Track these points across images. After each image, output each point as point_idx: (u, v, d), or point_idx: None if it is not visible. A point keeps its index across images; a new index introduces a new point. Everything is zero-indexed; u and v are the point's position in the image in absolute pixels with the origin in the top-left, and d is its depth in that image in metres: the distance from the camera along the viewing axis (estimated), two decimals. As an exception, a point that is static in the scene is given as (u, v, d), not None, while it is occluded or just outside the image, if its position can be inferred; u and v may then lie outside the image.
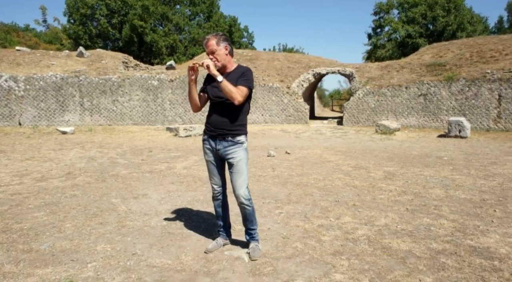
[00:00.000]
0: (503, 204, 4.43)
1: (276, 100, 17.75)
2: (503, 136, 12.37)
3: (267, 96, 17.80)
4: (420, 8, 25.86)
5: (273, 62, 19.95)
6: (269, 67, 19.31)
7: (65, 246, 3.15)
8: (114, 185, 5.39)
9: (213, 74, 2.75)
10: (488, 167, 6.76)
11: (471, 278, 2.57)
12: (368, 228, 3.58)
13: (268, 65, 19.50)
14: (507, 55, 15.85)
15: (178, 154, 8.33)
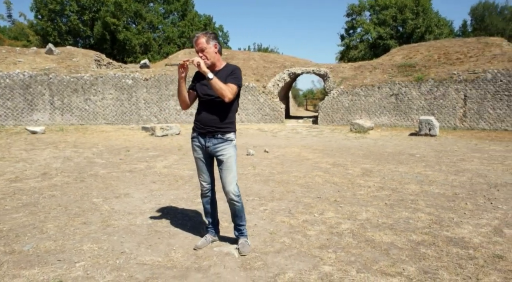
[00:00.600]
0: (473, 197, 4.70)
1: (252, 100, 17.83)
2: (468, 135, 13.02)
3: (243, 96, 17.84)
4: (390, 11, 26.75)
5: (249, 62, 20.02)
6: (245, 66, 19.36)
7: (49, 247, 3.07)
8: (94, 185, 5.27)
9: (204, 71, 2.77)
10: (457, 163, 7.12)
11: (449, 266, 2.74)
12: (351, 222, 3.71)
13: (244, 64, 19.53)
14: (471, 58, 16.68)
15: (157, 153, 8.23)
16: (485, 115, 14.65)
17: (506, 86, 14.32)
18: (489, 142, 11.17)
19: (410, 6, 26.18)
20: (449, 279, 2.54)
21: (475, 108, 14.85)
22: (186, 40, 26.65)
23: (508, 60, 15.22)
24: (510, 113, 14.21)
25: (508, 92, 14.28)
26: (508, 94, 14.30)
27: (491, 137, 12.22)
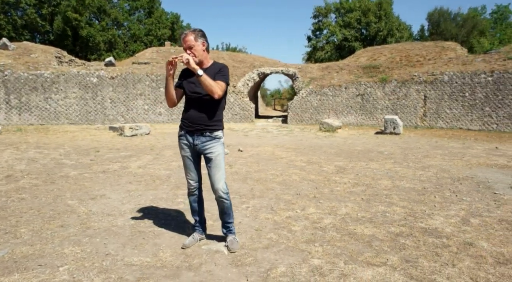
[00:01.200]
0: (440, 191, 5.00)
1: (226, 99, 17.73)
2: (429, 133, 13.75)
3: (213, 95, 17.72)
4: (355, 14, 27.66)
5: (218, 61, 19.90)
6: (215, 66, 19.25)
7: (26, 252, 2.93)
8: (66, 186, 5.06)
9: (193, 68, 2.76)
10: (422, 160, 7.52)
11: (427, 254, 2.91)
12: (332, 217, 3.84)
13: (213, 63, 19.42)
14: (430, 60, 17.62)
15: (129, 153, 8.01)
16: (443, 115, 15.54)
17: (461, 87, 15.26)
18: (447, 139, 11.88)
19: (373, 10, 27.23)
20: (429, 266, 2.71)
21: (434, 108, 15.70)
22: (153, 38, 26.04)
23: (462, 64, 16.23)
24: (465, 113, 15.16)
25: (462, 94, 15.23)
26: (462, 95, 15.24)
27: (449, 135, 12.98)
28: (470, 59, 16.52)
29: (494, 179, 5.75)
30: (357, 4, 27.96)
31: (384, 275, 2.55)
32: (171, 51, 20.60)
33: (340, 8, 29.19)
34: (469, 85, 15.10)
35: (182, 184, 5.33)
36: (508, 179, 5.72)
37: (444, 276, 2.55)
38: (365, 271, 2.62)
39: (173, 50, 20.78)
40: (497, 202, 4.43)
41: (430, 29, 28.11)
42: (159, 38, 26.45)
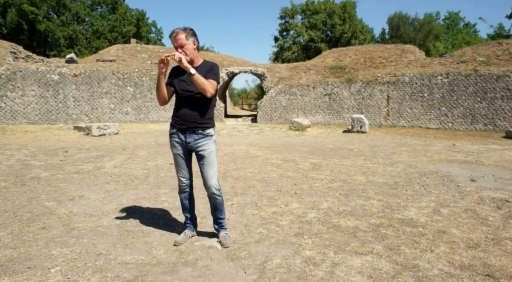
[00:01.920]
0: (410, 185, 5.33)
1: (191, 98, 17.57)
2: (392, 131, 14.45)
3: (182, 94, 17.52)
4: (320, 16, 28.40)
5: (187, 60, 19.68)
6: (183, 64, 19.02)
7: (11, 255, 2.82)
8: (40, 188, 4.86)
9: (185, 67, 2.78)
10: (390, 156, 7.94)
11: (407, 242, 3.14)
12: (315, 212, 3.99)
13: (181, 62, 19.18)
14: (391, 62, 18.49)
15: (100, 153, 7.78)
16: (404, 114, 16.37)
17: (420, 88, 16.15)
18: (410, 137, 12.55)
19: (338, 12, 28.09)
20: (410, 252, 2.92)
21: (396, 108, 16.50)
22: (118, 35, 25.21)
23: (421, 66, 17.19)
24: (424, 112, 16.07)
25: (421, 94, 16.13)
26: (421, 95, 16.14)
27: (411, 133, 13.72)
28: (428, 62, 17.52)
29: (456, 173, 6.20)
30: (322, 6, 28.72)
31: (372, 262, 2.73)
32: (137, 48, 20.10)
33: (306, 10, 29.84)
34: (427, 86, 16.02)
35: (162, 183, 5.29)
36: (468, 173, 6.19)
37: (425, 261, 2.77)
38: (354, 259, 2.78)
39: (139, 48, 20.29)
40: (461, 194, 4.80)
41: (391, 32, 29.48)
42: (124, 35, 25.65)
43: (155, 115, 17.32)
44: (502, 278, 2.51)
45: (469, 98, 15.32)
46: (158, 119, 17.31)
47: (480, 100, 15.14)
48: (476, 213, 3.98)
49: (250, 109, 35.33)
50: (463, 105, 15.37)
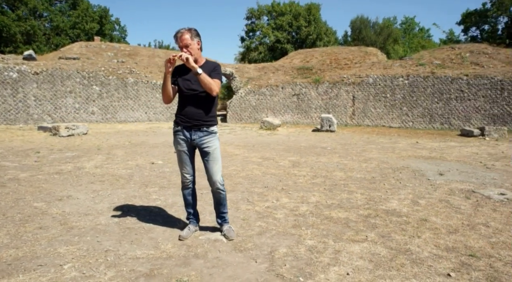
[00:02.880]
0: (386, 179, 5.71)
1: (160, 98, 17.33)
2: (358, 130, 15.12)
3: (151, 94, 17.28)
4: (286, 17, 28.97)
5: (154, 59, 19.41)
6: (151, 64, 18.73)
7: (16, 254, 2.78)
8: (22, 189, 4.69)
9: (192, 66, 2.87)
10: (362, 153, 8.38)
11: (396, 230, 3.43)
12: (306, 205, 4.21)
13: (149, 61, 18.87)
14: (356, 64, 19.30)
15: (76, 154, 7.55)
16: (369, 114, 17.17)
17: (383, 89, 17.02)
18: (376, 135, 13.21)
19: (303, 14, 28.80)
20: (400, 239, 3.21)
21: (361, 108, 17.27)
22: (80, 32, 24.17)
23: (383, 68, 18.10)
24: (387, 112, 16.95)
25: (384, 95, 17.00)
26: (384, 96, 17.02)
27: (376, 132, 14.43)
28: (389, 64, 18.49)
29: (424, 168, 6.71)
30: (288, 8, 29.31)
31: (370, 248, 2.98)
32: (102, 47, 19.48)
33: (272, 11, 30.30)
34: (390, 87, 16.91)
35: (149, 182, 5.29)
36: (435, 168, 6.71)
37: (415, 245, 3.06)
38: (352, 246, 3.02)
39: (104, 46, 19.66)
40: (433, 186, 5.24)
41: (353, 35, 30.69)
42: (86, 32, 24.60)
43: (122, 115, 16.89)
44: (483, 257, 2.85)
45: (427, 99, 16.36)
46: (126, 120, 16.90)
47: (437, 101, 16.22)
48: (450, 203, 4.38)
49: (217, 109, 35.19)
50: (422, 106, 16.39)
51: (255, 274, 2.51)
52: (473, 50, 18.19)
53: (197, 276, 2.49)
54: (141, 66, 18.02)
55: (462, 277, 2.51)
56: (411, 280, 2.45)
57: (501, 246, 3.09)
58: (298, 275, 2.50)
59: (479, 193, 4.86)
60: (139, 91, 16.96)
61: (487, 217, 3.87)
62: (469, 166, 7.00)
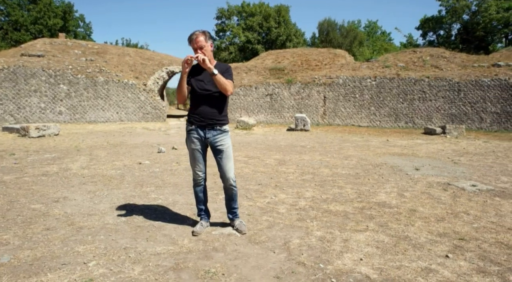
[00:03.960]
0: (370, 175, 6.07)
1: (132, 98, 17.02)
2: (330, 129, 15.65)
3: (122, 93, 16.88)
4: (257, 18, 29.27)
5: (124, 58, 18.95)
6: (121, 62, 18.28)
7: (34, 255, 2.76)
8: (12, 192, 4.55)
9: (208, 67, 2.99)
10: (340, 151, 8.77)
11: (392, 219, 3.73)
12: (304, 200, 4.44)
13: (119, 60, 18.40)
14: (326, 65, 19.93)
15: (55, 155, 7.32)
16: (339, 113, 17.81)
17: (353, 90, 17.72)
18: (348, 134, 13.77)
19: (273, 15, 29.25)
20: (397, 227, 3.51)
21: (332, 107, 17.86)
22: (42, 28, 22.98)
23: (352, 69, 18.83)
24: (356, 111, 17.67)
25: (354, 95, 17.71)
26: (354, 96, 17.72)
27: (347, 131, 15.03)
28: (357, 65, 19.26)
29: (400, 164, 7.17)
30: (258, 9, 29.62)
31: (373, 237, 3.24)
32: (68, 44, 18.73)
33: (242, 11, 30.48)
34: (358, 88, 17.63)
35: (143, 182, 5.30)
36: (410, 163, 7.20)
37: (412, 232, 3.36)
38: (357, 235, 3.27)
39: (70, 43, 18.92)
40: (413, 180, 5.65)
41: (321, 37, 31.58)
42: (49, 28, 23.42)
43: (92, 115, 16.37)
44: (471, 240, 3.19)
45: (393, 99, 17.23)
46: (96, 120, 16.40)
47: (402, 101, 17.13)
48: (431, 195, 4.78)
49: (186, 109, 34.91)
50: (389, 106, 17.25)
51: (277, 264, 2.68)
52: (433, 54, 19.37)
53: (222, 267, 2.62)
54: (111, 65, 17.54)
55: (459, 258, 2.83)
56: (417, 262, 2.72)
57: (483, 230, 3.47)
58: (317, 262, 2.70)
59: (454, 185, 5.32)
60: (109, 90, 16.50)
61: (465, 206, 4.28)
62: (439, 161, 7.56)
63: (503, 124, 15.99)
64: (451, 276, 2.52)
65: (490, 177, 6.00)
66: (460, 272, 2.58)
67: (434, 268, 2.63)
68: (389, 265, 2.66)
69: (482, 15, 28.60)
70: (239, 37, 29.13)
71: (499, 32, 29.70)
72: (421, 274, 2.53)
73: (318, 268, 2.59)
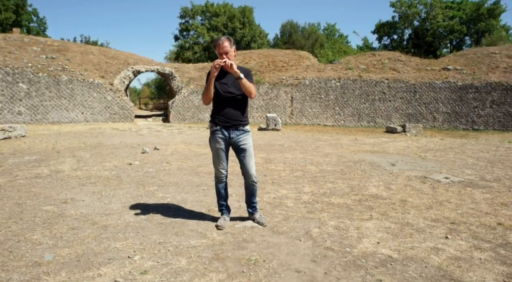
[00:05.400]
0: (354, 170, 6.55)
1: (98, 98, 16.49)
2: (299, 129, 16.23)
3: (87, 93, 16.30)
4: (221, 19, 29.33)
5: (88, 56, 18.27)
6: (85, 61, 17.62)
7: (75, 252, 2.83)
8: (14, 195, 4.44)
9: (235, 72, 3.22)
10: (318, 149, 9.25)
11: (389, 209, 4.17)
12: (305, 194, 4.77)
13: (83, 59, 17.72)
14: (292, 66, 20.55)
15: (36, 157, 7.06)
16: (306, 113, 18.48)
17: (318, 90, 18.47)
18: (317, 133, 14.39)
19: (238, 16, 29.48)
20: (396, 215, 3.95)
21: (299, 108, 18.49)
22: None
23: (317, 71, 19.61)
24: (322, 111, 18.44)
25: (319, 95, 18.46)
26: (319, 97, 18.48)
27: (316, 130, 15.67)
28: (322, 67, 20.08)
29: (376, 160, 7.76)
30: (222, 9, 29.72)
31: (380, 224, 3.65)
32: (25, 40, 17.69)
33: (206, 11, 30.39)
34: (324, 89, 18.41)
35: (143, 182, 5.36)
36: (384, 160, 7.81)
37: (411, 219, 3.82)
38: (366, 223, 3.66)
39: (27, 39, 17.88)
40: (393, 175, 6.21)
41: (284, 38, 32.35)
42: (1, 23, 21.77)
43: (55, 115, 15.65)
44: (461, 224, 3.70)
45: (356, 100, 18.20)
46: (60, 120, 15.69)
47: (364, 102, 18.15)
48: (413, 187, 5.33)
49: (148, 109, 34.17)
50: (352, 106, 18.20)
51: (308, 250, 2.98)
52: (390, 57, 20.68)
53: (260, 255, 2.87)
54: (75, 63, 16.85)
55: (456, 238, 3.30)
56: (425, 243, 3.15)
57: (467, 215, 4.01)
58: (342, 246, 3.04)
59: (430, 178, 5.94)
60: (74, 90, 15.86)
61: (445, 195, 4.85)
62: (408, 157, 8.27)
63: (452, 123, 17.50)
64: (456, 252, 2.97)
65: (456, 170, 6.72)
66: (462, 249, 3.04)
67: (441, 247, 3.07)
68: (404, 246, 3.06)
69: (430, 22, 30.91)
70: (203, 37, 29.05)
71: (445, 38, 32.27)
72: (432, 252, 2.96)
73: (345, 252, 2.93)
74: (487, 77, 17.48)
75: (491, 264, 2.78)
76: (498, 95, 17.02)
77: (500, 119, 17.02)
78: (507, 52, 19.85)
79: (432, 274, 2.58)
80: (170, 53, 34.26)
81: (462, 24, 31.38)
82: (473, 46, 29.72)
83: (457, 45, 33.16)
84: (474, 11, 31.14)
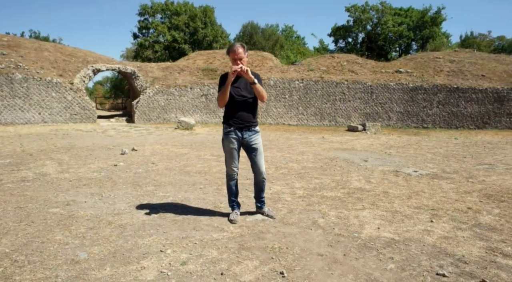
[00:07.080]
0: (332, 167, 7.03)
1: (57, 97, 15.77)
2: (266, 128, 16.66)
3: (45, 92, 15.52)
4: (182, 18, 29.00)
5: (43, 53, 17.36)
6: (40, 58, 16.73)
7: (106, 250, 2.93)
8: (11, 198, 4.32)
9: (249, 77, 3.49)
10: (293, 148, 9.70)
11: (376, 200, 4.64)
12: (298, 190, 5.13)
13: (38, 56, 16.81)
14: (256, 67, 20.93)
15: (9, 161, 6.75)
16: (271, 113, 18.97)
17: (283, 91, 19.05)
18: (284, 132, 14.92)
19: (199, 16, 29.33)
20: (384, 204, 4.43)
21: (264, 107, 18.93)
22: None
23: (281, 72, 20.19)
24: (286, 111, 19.04)
25: (284, 96, 19.05)
26: (284, 97, 19.06)
27: (282, 129, 16.20)
28: (285, 68, 20.70)
29: (349, 157, 8.35)
30: (183, 8, 29.40)
31: (373, 212, 4.09)
32: (-28, 35, 16.38)
33: (166, 9, 29.88)
34: (288, 89, 19.03)
35: (137, 182, 5.41)
36: (355, 156, 8.43)
37: (397, 207, 4.31)
38: (362, 213, 4.08)
39: (-26, 34, 16.56)
40: (368, 170, 6.78)
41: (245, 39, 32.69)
42: None
43: (9, 116, 14.72)
44: (439, 210, 4.26)
45: (318, 100, 19.02)
46: (14, 121, 14.79)
47: (325, 102, 19.02)
48: (389, 180, 5.90)
49: (105, 109, 32.95)
50: (314, 106, 18.99)
51: (321, 237, 3.33)
52: (349, 60, 21.82)
53: (280, 243, 3.17)
54: (29, 60, 15.93)
55: (439, 221, 3.82)
56: (417, 226, 3.63)
57: (441, 202, 4.59)
58: (350, 233, 3.42)
59: (401, 172, 6.58)
60: (29, 89, 15.02)
61: (418, 186, 5.46)
62: (376, 153, 8.97)
63: (405, 121, 18.89)
64: (443, 233, 3.47)
65: (420, 164, 7.46)
66: (447, 230, 3.56)
67: (430, 229, 3.57)
68: (401, 230, 3.52)
69: (382, 27, 32.93)
70: (164, 36, 28.56)
71: (395, 42, 34.54)
72: (425, 234, 3.43)
73: (354, 237, 3.32)
74: (434, 80, 19.10)
75: (473, 240, 3.31)
76: (443, 96, 18.66)
77: (445, 118, 18.68)
78: (449, 58, 21.81)
79: (431, 251, 3.04)
80: (127, 51, 33.22)
81: (410, 30, 33.79)
82: (419, 51, 32.12)
83: (405, 49, 35.63)
84: (419, 18, 33.67)
